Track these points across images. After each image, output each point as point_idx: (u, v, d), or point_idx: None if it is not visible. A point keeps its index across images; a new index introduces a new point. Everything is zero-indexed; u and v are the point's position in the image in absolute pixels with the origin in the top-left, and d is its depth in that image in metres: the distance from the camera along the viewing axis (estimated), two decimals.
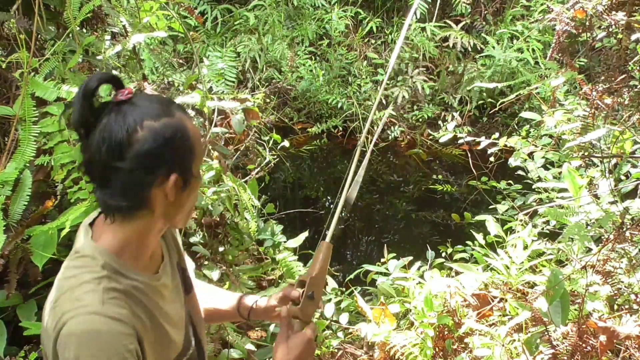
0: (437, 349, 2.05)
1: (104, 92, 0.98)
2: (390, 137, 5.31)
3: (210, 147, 2.30)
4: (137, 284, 0.97)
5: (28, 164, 1.64)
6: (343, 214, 1.13)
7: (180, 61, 4.55)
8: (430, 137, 5.26)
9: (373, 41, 5.82)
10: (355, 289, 2.58)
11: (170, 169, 0.93)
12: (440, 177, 4.49)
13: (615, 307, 1.98)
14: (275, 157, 3.04)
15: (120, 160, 0.89)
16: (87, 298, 0.88)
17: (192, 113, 2.41)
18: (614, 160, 2.16)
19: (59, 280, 0.93)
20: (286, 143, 2.97)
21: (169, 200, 0.95)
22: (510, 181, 3.06)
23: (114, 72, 2.11)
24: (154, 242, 1.02)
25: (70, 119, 0.91)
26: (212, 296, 1.34)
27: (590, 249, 2.14)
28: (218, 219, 2.43)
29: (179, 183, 0.94)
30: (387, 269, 2.43)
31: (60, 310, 0.88)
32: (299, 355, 1.08)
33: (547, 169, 2.68)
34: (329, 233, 1.18)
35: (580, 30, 1.84)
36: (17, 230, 1.56)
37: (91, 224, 1.01)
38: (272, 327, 2.19)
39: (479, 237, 2.52)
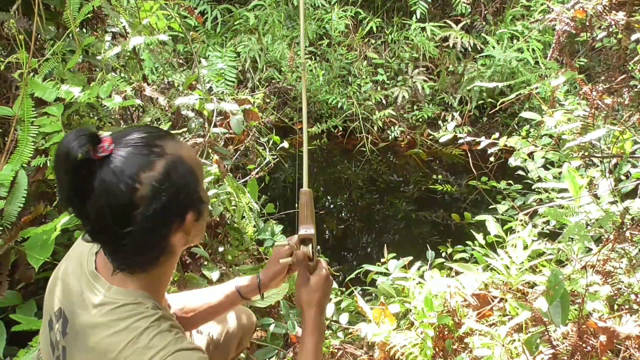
0: (437, 349, 2.05)
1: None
2: (390, 137, 5.31)
3: (209, 148, 2.30)
4: (174, 318, 0.95)
5: (25, 165, 1.63)
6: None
7: (180, 61, 4.55)
8: (430, 137, 5.26)
9: (373, 41, 5.82)
10: (355, 289, 2.57)
11: (184, 212, 0.88)
12: (440, 177, 4.49)
13: (615, 307, 1.97)
14: (275, 157, 3.03)
15: (129, 225, 0.82)
16: (158, 342, 0.83)
17: (191, 114, 2.40)
18: (614, 160, 2.16)
19: (104, 339, 0.85)
20: (285, 144, 2.97)
21: (188, 236, 0.91)
22: (510, 181, 3.06)
23: (113, 74, 2.11)
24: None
25: (59, 193, 0.83)
26: (201, 297, 1.33)
27: (590, 249, 2.14)
28: (218, 219, 2.43)
29: (195, 215, 0.90)
30: (387, 269, 2.43)
31: None
32: (323, 293, 1.11)
33: (547, 169, 2.68)
34: (305, 181, 1.18)
35: (580, 30, 1.83)
36: (10, 232, 1.56)
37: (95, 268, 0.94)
38: (272, 327, 2.19)
39: (479, 237, 2.52)
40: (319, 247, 1.37)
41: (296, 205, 1.18)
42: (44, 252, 1.50)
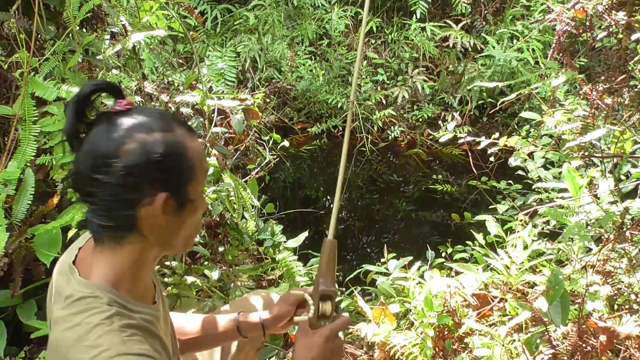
0: (437, 349, 2.05)
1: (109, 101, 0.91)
2: (390, 137, 5.31)
3: (209, 147, 2.30)
4: (145, 316, 0.90)
5: (29, 164, 1.64)
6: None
7: (180, 61, 4.55)
8: (430, 137, 5.26)
9: (373, 41, 5.82)
10: (355, 289, 2.58)
11: (159, 188, 0.85)
12: (440, 177, 4.49)
13: (615, 307, 1.97)
14: (275, 157, 3.04)
15: (105, 174, 0.82)
16: (105, 341, 0.79)
17: (189, 110, 2.40)
18: (614, 160, 2.16)
19: (60, 333, 0.82)
20: (286, 143, 2.97)
21: (159, 223, 0.87)
22: (510, 181, 3.06)
23: (115, 71, 2.11)
24: (149, 271, 0.95)
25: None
26: (199, 323, 1.28)
27: (590, 249, 2.14)
28: (218, 219, 2.43)
29: (171, 204, 0.87)
30: (387, 269, 2.43)
31: None
32: (319, 355, 0.98)
33: (547, 169, 2.68)
34: (331, 230, 1.09)
35: (581, 30, 1.83)
36: (20, 229, 1.57)
37: (73, 262, 0.92)
38: None
39: (479, 237, 2.52)
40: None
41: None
42: (53, 248, 1.51)
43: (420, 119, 5.39)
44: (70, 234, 1.53)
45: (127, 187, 0.83)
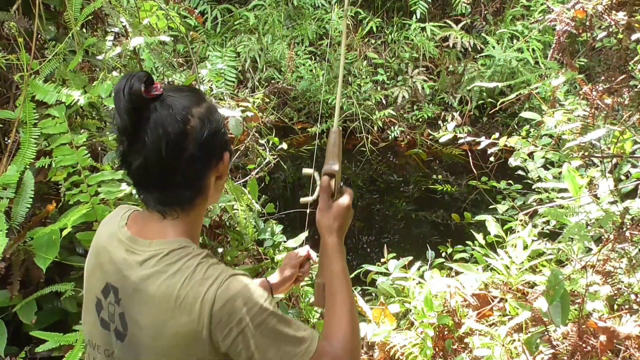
0: (437, 349, 2.05)
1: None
2: (390, 137, 5.31)
3: None
4: None
5: (29, 166, 1.63)
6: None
7: (180, 61, 4.55)
8: (430, 137, 5.26)
9: (373, 41, 5.82)
10: (355, 289, 2.58)
11: (223, 150, 0.97)
12: (440, 177, 4.49)
13: (615, 307, 1.98)
14: (275, 157, 3.04)
15: (182, 153, 0.90)
16: (213, 272, 0.89)
17: None
18: (614, 160, 2.16)
19: (159, 286, 0.89)
20: (284, 145, 2.97)
21: (218, 181, 0.99)
22: (510, 181, 3.06)
23: (115, 73, 2.11)
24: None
25: (116, 126, 0.90)
26: None
27: (590, 249, 2.14)
28: (217, 220, 2.43)
29: (228, 160, 0.99)
30: (387, 269, 2.43)
31: (194, 298, 0.87)
32: (342, 221, 1.13)
33: (547, 169, 2.68)
34: (335, 121, 1.24)
35: (581, 30, 1.83)
36: (19, 232, 1.56)
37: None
38: None
39: (479, 237, 2.52)
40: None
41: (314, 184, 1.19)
42: (50, 251, 1.50)
43: (420, 119, 5.39)
44: (65, 233, 1.52)
45: (204, 158, 0.94)
